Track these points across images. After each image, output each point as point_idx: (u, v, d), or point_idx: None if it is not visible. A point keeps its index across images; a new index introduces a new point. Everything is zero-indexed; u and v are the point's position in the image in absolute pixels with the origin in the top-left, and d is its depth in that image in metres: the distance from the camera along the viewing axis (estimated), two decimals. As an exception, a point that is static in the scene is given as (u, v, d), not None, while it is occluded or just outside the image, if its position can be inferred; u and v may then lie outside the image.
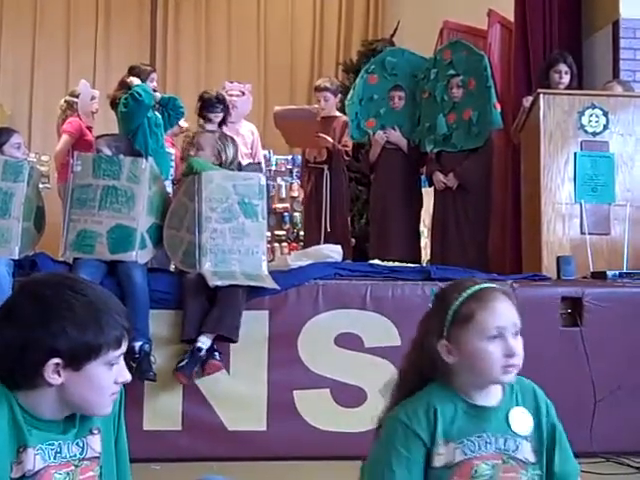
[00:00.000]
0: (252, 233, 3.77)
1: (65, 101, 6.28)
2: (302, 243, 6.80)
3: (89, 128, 6.05)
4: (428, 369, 1.71)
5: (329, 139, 5.67)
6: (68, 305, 1.48)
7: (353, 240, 6.37)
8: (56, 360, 1.47)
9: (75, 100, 6.13)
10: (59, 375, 1.48)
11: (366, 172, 5.95)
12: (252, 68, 10.06)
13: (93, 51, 9.87)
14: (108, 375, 1.53)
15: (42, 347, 1.46)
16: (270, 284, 3.69)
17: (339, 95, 5.99)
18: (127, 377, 1.57)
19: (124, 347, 1.55)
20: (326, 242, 5.20)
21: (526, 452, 1.70)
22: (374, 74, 5.57)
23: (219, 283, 3.61)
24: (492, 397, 1.72)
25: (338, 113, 5.94)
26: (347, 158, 5.78)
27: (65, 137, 5.98)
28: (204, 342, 3.52)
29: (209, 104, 5.58)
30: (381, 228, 5.44)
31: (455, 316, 1.67)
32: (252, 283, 3.67)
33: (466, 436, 1.65)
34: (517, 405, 1.74)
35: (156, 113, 5.07)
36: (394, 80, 5.55)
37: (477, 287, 1.69)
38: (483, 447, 1.66)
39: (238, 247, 3.73)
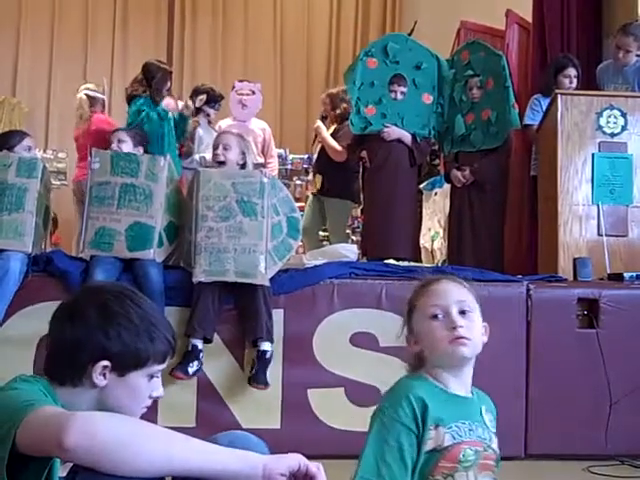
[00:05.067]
0: (250, 232, 3.73)
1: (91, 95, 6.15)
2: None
3: None
4: (413, 365, 1.82)
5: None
6: (126, 313, 1.58)
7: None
8: (105, 362, 1.55)
9: (101, 97, 6.10)
10: (104, 378, 1.55)
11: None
12: (268, 67, 10.08)
13: (110, 50, 9.90)
14: (146, 387, 1.61)
15: (96, 347, 1.54)
16: (261, 281, 3.67)
17: None
18: (161, 393, 1.65)
19: (166, 364, 1.64)
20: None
21: (495, 444, 1.78)
22: (374, 58, 5.32)
23: (202, 279, 3.64)
24: (464, 387, 1.78)
25: None
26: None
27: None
28: (267, 346, 3.64)
29: (217, 100, 5.61)
30: (386, 226, 5.20)
31: (408, 310, 1.82)
32: (240, 280, 3.66)
33: (453, 421, 1.70)
34: (482, 404, 1.81)
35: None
36: (395, 68, 5.29)
37: (425, 280, 1.84)
38: (468, 433, 1.71)
39: (234, 246, 3.70)
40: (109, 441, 1.35)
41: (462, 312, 1.75)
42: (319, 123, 5.89)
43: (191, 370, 3.61)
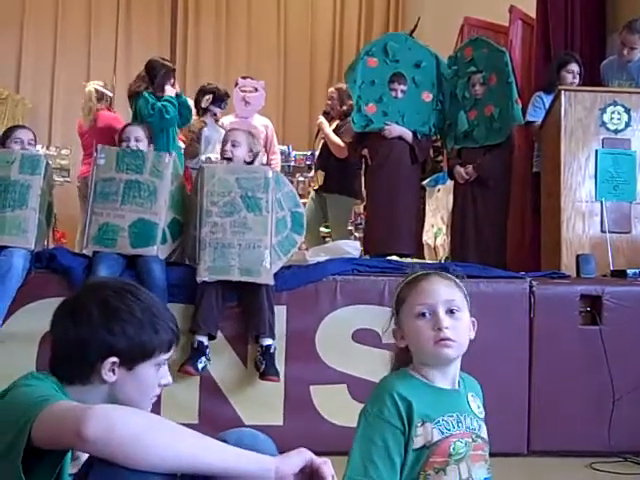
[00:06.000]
0: (255, 227, 3.73)
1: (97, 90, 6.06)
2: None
3: None
4: (400, 359, 1.82)
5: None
6: (129, 309, 1.59)
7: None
8: (113, 359, 1.56)
9: (109, 93, 6.07)
10: (114, 373, 1.57)
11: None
12: (272, 65, 10.07)
13: (114, 48, 9.91)
14: (155, 376, 1.63)
15: (102, 346, 1.56)
16: (265, 280, 3.66)
17: None
18: (169, 380, 1.67)
19: (172, 351, 1.66)
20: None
21: (484, 432, 1.78)
22: (374, 57, 5.33)
23: (206, 279, 3.64)
24: (451, 381, 1.78)
25: None
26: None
27: None
28: (270, 342, 3.64)
29: (223, 99, 5.61)
30: (388, 223, 5.20)
31: (397, 302, 1.80)
32: (243, 279, 3.65)
33: (440, 416, 1.70)
34: (469, 392, 1.81)
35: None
36: (395, 67, 5.31)
37: (414, 274, 1.82)
38: (456, 426, 1.71)
39: (239, 241, 3.70)
40: (125, 434, 1.37)
41: (450, 311, 1.74)
42: (322, 119, 5.89)
43: (200, 366, 3.62)
